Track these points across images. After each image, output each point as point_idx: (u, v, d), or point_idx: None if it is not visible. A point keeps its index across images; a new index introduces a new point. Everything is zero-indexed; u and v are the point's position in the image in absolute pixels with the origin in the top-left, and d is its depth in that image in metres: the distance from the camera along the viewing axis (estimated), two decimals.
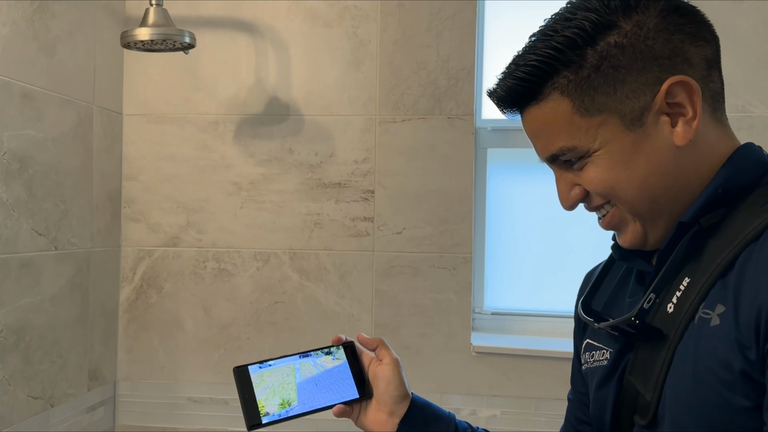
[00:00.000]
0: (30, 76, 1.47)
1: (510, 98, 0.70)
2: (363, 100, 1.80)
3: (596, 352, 0.78)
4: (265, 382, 0.84)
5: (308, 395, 0.84)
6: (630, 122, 0.66)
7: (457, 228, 1.76)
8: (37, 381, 1.52)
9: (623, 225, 0.72)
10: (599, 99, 0.66)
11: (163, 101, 1.86)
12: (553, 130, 0.69)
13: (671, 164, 0.67)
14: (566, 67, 0.66)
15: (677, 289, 0.66)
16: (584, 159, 0.68)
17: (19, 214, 1.45)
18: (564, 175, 0.72)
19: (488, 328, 1.88)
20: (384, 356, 0.88)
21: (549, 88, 0.67)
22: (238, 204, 1.83)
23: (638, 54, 0.65)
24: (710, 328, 0.62)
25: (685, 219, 0.67)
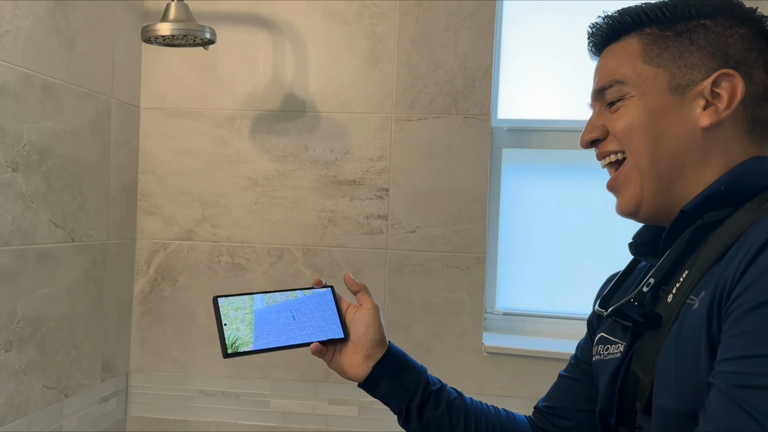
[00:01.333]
0: (50, 68, 1.49)
1: (608, 31, 0.79)
2: (379, 98, 1.80)
3: (611, 345, 0.80)
4: (229, 312, 0.84)
5: (280, 328, 0.84)
6: (675, 87, 0.73)
7: (471, 228, 1.76)
8: (52, 371, 1.53)
9: (625, 185, 0.77)
10: (665, 56, 0.74)
11: (181, 96, 1.86)
12: (616, 64, 0.77)
13: (686, 138, 0.72)
14: (658, 23, 0.75)
15: (677, 281, 0.70)
16: (623, 101, 0.76)
17: (38, 205, 1.46)
18: (599, 114, 0.79)
19: (500, 328, 1.88)
20: (365, 301, 0.91)
21: (634, 32, 0.77)
22: (253, 199, 1.84)
23: (716, 42, 0.73)
24: (692, 312, 0.66)
25: (687, 208, 0.72)
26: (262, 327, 0.84)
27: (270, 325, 0.84)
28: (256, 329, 0.83)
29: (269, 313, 0.85)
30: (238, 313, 0.84)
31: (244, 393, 1.84)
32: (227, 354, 0.81)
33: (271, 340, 0.83)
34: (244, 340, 0.82)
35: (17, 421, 1.42)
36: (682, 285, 0.69)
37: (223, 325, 0.82)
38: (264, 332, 0.84)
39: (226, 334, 0.82)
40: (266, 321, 0.85)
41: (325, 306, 0.89)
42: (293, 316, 0.86)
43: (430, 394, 0.90)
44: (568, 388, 0.93)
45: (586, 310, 1.97)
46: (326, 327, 0.87)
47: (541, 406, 0.96)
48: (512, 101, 1.90)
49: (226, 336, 0.82)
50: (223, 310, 0.83)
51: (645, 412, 0.71)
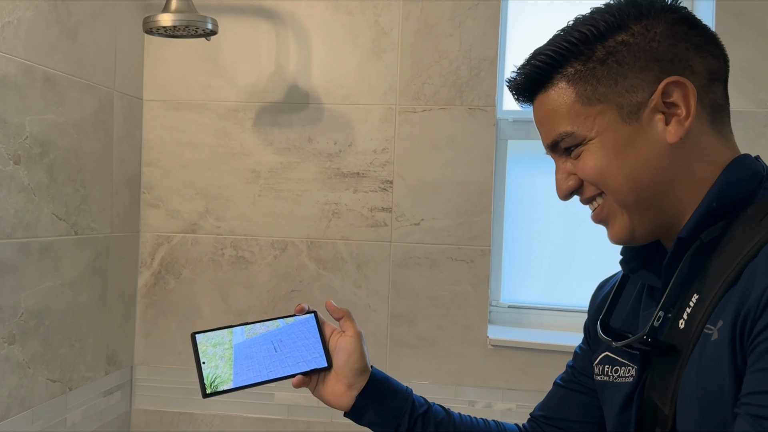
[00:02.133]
0: (52, 60, 1.48)
1: (526, 84, 0.75)
2: (383, 90, 1.78)
3: (620, 368, 0.79)
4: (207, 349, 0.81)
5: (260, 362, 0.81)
6: (627, 115, 0.70)
7: (476, 220, 1.75)
8: (56, 364, 1.53)
9: (611, 217, 0.75)
10: (601, 89, 0.70)
11: (184, 87, 1.85)
12: (556, 116, 0.73)
13: (662, 161, 0.70)
14: (576, 58, 0.71)
15: (687, 306, 0.68)
16: (581, 146, 0.72)
17: (40, 198, 1.46)
18: (562, 164, 0.76)
19: (505, 321, 1.87)
20: (347, 328, 0.88)
21: (558, 77, 0.72)
22: (257, 192, 1.83)
23: (642, 53, 0.69)
24: (711, 342, 0.64)
25: (683, 234, 0.69)
26: (242, 362, 0.80)
27: (250, 359, 0.81)
28: (235, 365, 0.80)
29: (250, 346, 0.81)
30: (217, 349, 0.80)
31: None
32: (206, 394, 0.78)
33: (252, 375, 0.80)
34: (223, 378, 0.79)
35: (21, 414, 1.42)
36: (694, 311, 0.67)
37: (201, 363, 0.79)
38: (244, 367, 0.80)
39: (205, 372, 0.79)
40: (246, 355, 0.81)
41: (307, 333, 0.86)
42: (275, 347, 0.83)
43: (417, 418, 0.88)
44: (565, 398, 0.92)
45: None
46: (309, 356, 0.84)
47: (537, 415, 0.95)
48: None
49: (204, 375, 0.78)
50: (201, 347, 0.80)
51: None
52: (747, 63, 1.63)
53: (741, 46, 1.63)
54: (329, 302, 0.90)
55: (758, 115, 1.65)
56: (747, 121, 1.64)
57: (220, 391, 0.78)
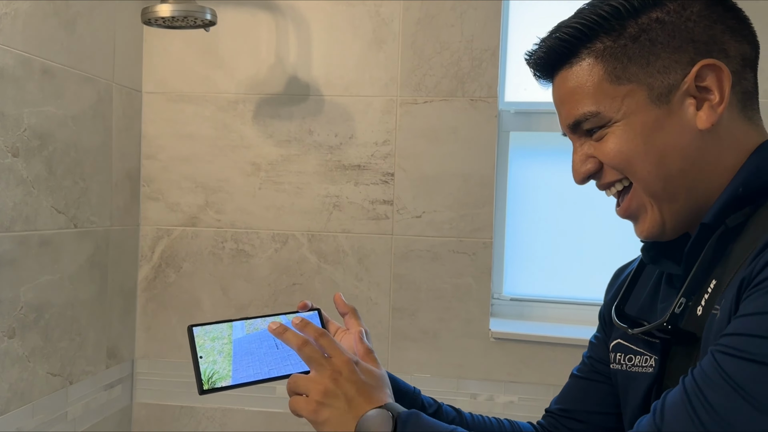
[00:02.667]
0: (50, 52, 1.46)
1: (548, 57, 0.71)
2: (384, 81, 1.77)
3: (636, 356, 0.76)
4: (205, 343, 0.76)
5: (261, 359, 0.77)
6: (657, 97, 0.66)
7: (478, 212, 1.74)
8: (56, 358, 1.53)
9: (641, 211, 0.71)
10: (631, 68, 0.67)
11: (183, 79, 1.84)
12: (581, 94, 0.69)
13: (691, 147, 0.67)
14: (606, 33, 0.67)
15: (706, 292, 0.66)
16: (605, 128, 0.68)
17: (39, 191, 1.45)
18: (582, 146, 0.72)
19: (507, 314, 1.86)
20: (352, 325, 0.84)
21: (585, 52, 0.68)
22: (257, 185, 1.82)
23: (677, 32, 0.66)
24: (716, 321, 0.62)
25: (707, 220, 0.67)
26: (242, 358, 0.76)
27: (251, 355, 0.77)
28: (235, 361, 0.75)
29: (250, 341, 0.77)
30: (216, 343, 0.76)
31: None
32: (203, 390, 0.74)
33: (252, 372, 0.76)
34: (221, 373, 0.75)
35: (22, 407, 1.41)
36: (711, 296, 0.66)
37: (199, 357, 0.75)
38: (244, 364, 0.76)
39: (202, 367, 0.74)
40: (246, 351, 0.77)
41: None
42: (276, 344, 0.78)
43: None
44: (583, 389, 0.89)
45: (594, 296, 1.96)
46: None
47: (554, 409, 0.92)
48: (520, 83, 1.86)
49: (201, 370, 0.74)
50: (198, 341, 0.76)
51: None
52: None
53: None
54: (338, 295, 0.86)
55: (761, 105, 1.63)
56: None
57: (218, 388, 0.74)
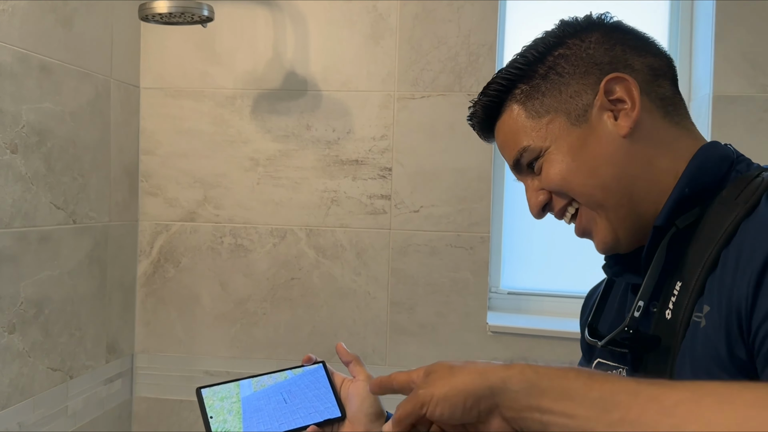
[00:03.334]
0: (48, 48, 1.46)
1: (484, 115, 0.79)
2: (382, 76, 1.77)
3: (612, 371, 0.77)
4: (214, 403, 0.77)
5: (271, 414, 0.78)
6: (575, 119, 0.72)
7: (475, 207, 1.75)
8: (56, 353, 1.53)
9: (592, 225, 0.75)
10: (547, 101, 0.74)
11: (181, 75, 1.84)
12: (512, 135, 0.76)
13: (618, 154, 0.71)
14: (521, 81, 0.75)
15: (672, 295, 0.67)
16: (540, 159, 0.74)
17: (38, 187, 1.45)
18: (530, 182, 0.78)
19: (504, 307, 1.87)
20: (358, 373, 0.84)
21: (509, 101, 0.76)
22: (255, 180, 1.82)
23: (580, 61, 0.73)
24: (700, 330, 0.63)
25: (658, 222, 0.69)
26: (252, 415, 0.77)
27: (260, 411, 0.77)
28: (245, 418, 0.76)
29: (258, 399, 0.78)
30: (225, 402, 0.77)
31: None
32: None
33: (263, 428, 0.76)
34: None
35: (23, 402, 1.42)
36: (679, 299, 0.66)
37: (209, 417, 0.75)
38: (254, 420, 0.76)
39: (213, 427, 0.75)
40: (255, 408, 0.77)
41: (317, 384, 0.83)
42: (284, 399, 0.79)
43: None
44: None
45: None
46: (321, 407, 0.81)
47: None
48: None
49: (213, 430, 0.75)
50: (207, 402, 0.77)
51: None
52: (748, 47, 1.62)
53: (741, 30, 1.62)
54: (340, 345, 0.87)
55: (759, 99, 1.64)
56: (747, 105, 1.63)
57: None
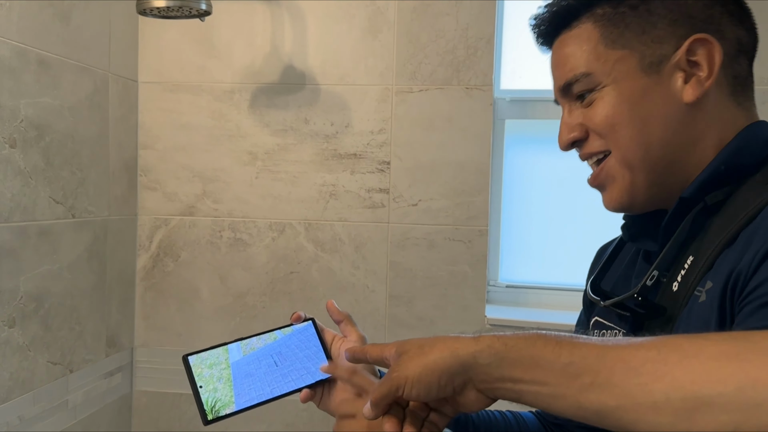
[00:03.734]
0: (46, 42, 1.47)
1: (552, 20, 0.73)
2: (380, 70, 1.77)
3: (607, 331, 0.77)
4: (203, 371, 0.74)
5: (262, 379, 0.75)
6: (648, 66, 0.68)
7: (473, 200, 1.75)
8: (56, 347, 1.54)
9: (611, 180, 0.72)
10: (627, 35, 0.68)
11: (179, 69, 1.84)
12: (576, 55, 0.71)
13: (674, 119, 0.67)
14: (608, 1, 0.69)
15: (682, 268, 0.66)
16: (594, 92, 0.70)
17: (37, 182, 1.45)
18: (570, 113, 0.73)
19: (503, 300, 1.88)
20: (350, 332, 0.82)
21: (586, 16, 0.70)
22: (254, 174, 1.83)
23: (675, 7, 0.67)
24: (698, 305, 0.62)
25: (686, 194, 0.67)
26: (243, 381, 0.74)
27: (251, 377, 0.75)
28: (236, 385, 0.73)
29: (248, 363, 0.75)
30: (214, 370, 0.74)
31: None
32: (208, 421, 0.72)
33: (255, 394, 0.74)
34: (224, 401, 0.73)
35: (23, 396, 1.43)
36: (687, 273, 0.65)
37: (198, 387, 0.72)
38: (245, 387, 0.74)
39: (203, 397, 0.72)
40: (246, 373, 0.75)
41: (308, 343, 0.80)
42: (275, 362, 0.77)
43: None
44: None
45: None
46: (312, 368, 0.78)
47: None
48: (515, 71, 1.87)
49: (203, 400, 0.72)
50: (196, 371, 0.73)
51: None
52: None
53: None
54: (330, 302, 0.84)
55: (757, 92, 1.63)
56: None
57: (223, 416, 0.73)
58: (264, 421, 1.84)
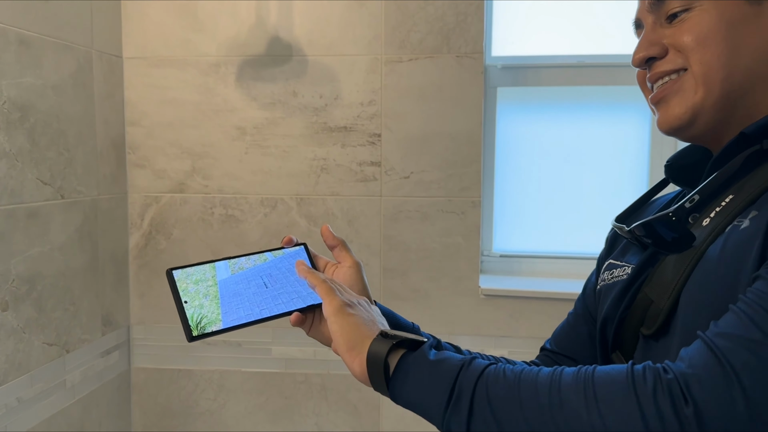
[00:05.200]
0: (25, 21, 1.43)
1: None
2: (368, 39, 1.74)
3: (616, 269, 0.76)
4: (188, 287, 0.70)
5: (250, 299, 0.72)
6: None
7: (466, 171, 1.74)
8: (52, 328, 1.54)
9: (679, 95, 0.69)
10: None
11: (163, 43, 1.81)
12: None
13: (765, 53, 0.66)
14: None
15: (718, 205, 0.65)
16: (690, 12, 0.68)
17: (23, 164, 1.44)
18: (654, 29, 0.71)
19: (496, 270, 1.88)
20: (344, 258, 0.79)
21: None
22: (243, 149, 1.81)
23: None
24: (739, 231, 0.61)
25: (748, 130, 0.66)
26: (230, 300, 0.70)
27: (239, 296, 0.71)
28: (223, 303, 0.70)
29: (236, 282, 0.71)
30: (200, 286, 0.70)
31: (246, 341, 1.86)
32: (192, 337, 0.68)
33: (242, 314, 0.71)
34: (210, 318, 0.69)
35: (20, 378, 1.44)
36: (723, 209, 0.64)
37: (183, 303, 0.68)
38: (233, 306, 0.70)
39: (188, 313, 0.68)
40: (234, 292, 0.71)
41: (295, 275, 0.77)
42: (264, 283, 0.73)
43: None
44: (575, 326, 0.88)
45: (582, 250, 1.97)
46: (303, 292, 0.75)
47: (548, 347, 0.92)
48: (506, 37, 1.84)
49: (188, 315, 0.68)
50: (180, 285, 0.69)
51: (653, 338, 0.67)
52: None
53: None
54: (325, 227, 0.80)
55: None
56: None
57: (209, 333, 0.69)
58: (263, 393, 1.86)
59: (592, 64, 1.78)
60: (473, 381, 0.59)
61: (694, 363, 0.53)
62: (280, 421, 1.87)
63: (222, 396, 1.88)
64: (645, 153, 1.81)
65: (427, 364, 0.61)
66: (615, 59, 1.76)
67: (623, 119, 1.81)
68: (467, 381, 0.59)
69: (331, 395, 1.84)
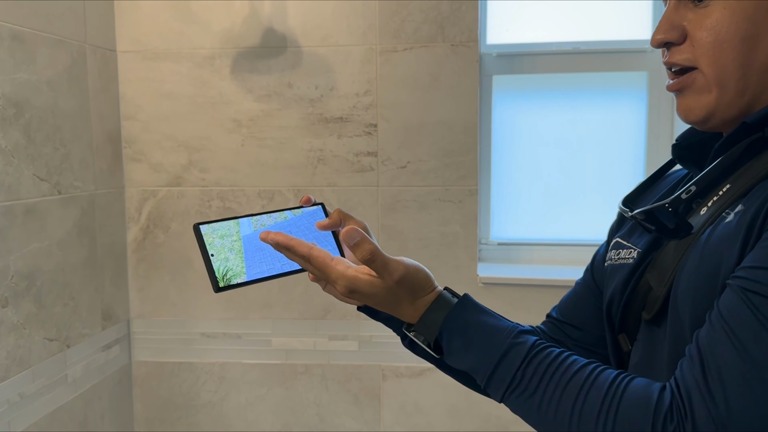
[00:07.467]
0: (18, 17, 1.42)
1: None
2: (363, 29, 1.73)
3: (623, 250, 0.77)
4: (214, 241, 0.73)
5: (272, 254, 0.75)
6: None
7: (463, 160, 1.74)
8: (52, 323, 1.55)
9: (693, 93, 0.68)
10: None
11: (157, 37, 1.80)
12: None
13: None
14: None
15: (716, 194, 0.66)
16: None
17: (19, 160, 1.43)
18: (677, 10, 0.68)
19: (495, 258, 1.89)
20: (348, 219, 0.79)
21: None
22: (240, 141, 1.81)
23: None
24: (724, 224, 0.62)
25: (749, 120, 0.65)
26: (254, 254, 0.74)
27: (262, 251, 0.74)
28: (246, 257, 0.73)
29: (259, 238, 0.74)
30: (225, 240, 0.74)
31: (246, 333, 1.87)
32: (219, 288, 0.72)
33: (265, 268, 0.74)
34: (235, 270, 0.72)
35: (21, 373, 1.44)
36: (720, 198, 0.65)
37: (210, 255, 0.72)
38: (256, 260, 0.74)
39: (215, 265, 0.72)
40: (257, 247, 0.74)
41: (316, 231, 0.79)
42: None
43: None
44: (582, 296, 0.88)
45: (580, 236, 1.97)
46: (322, 248, 0.76)
47: (554, 315, 0.91)
48: (501, 25, 1.83)
49: (215, 268, 0.72)
50: (207, 239, 0.73)
51: (653, 323, 0.69)
52: None
53: None
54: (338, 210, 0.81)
55: None
56: None
57: (234, 285, 0.72)
58: (264, 385, 1.87)
59: (588, 51, 1.78)
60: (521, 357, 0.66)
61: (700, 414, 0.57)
62: (281, 412, 1.88)
63: (223, 388, 1.89)
64: (641, 139, 1.81)
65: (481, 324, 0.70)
66: (610, 45, 1.76)
67: (619, 105, 1.81)
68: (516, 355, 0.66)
69: (332, 385, 1.85)
